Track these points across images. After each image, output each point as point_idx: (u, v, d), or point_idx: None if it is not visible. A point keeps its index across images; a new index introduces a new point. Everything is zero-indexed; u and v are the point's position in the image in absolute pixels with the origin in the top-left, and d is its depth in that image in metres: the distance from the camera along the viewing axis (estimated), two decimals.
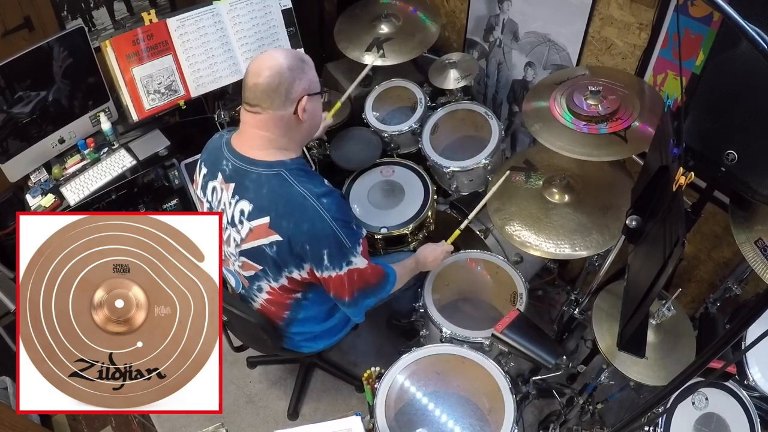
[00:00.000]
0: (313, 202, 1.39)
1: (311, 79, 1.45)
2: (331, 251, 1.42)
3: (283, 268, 1.49)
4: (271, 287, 1.58)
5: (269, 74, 1.38)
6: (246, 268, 1.57)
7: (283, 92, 1.39)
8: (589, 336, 1.94)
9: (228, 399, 2.30)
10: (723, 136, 1.33)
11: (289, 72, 1.39)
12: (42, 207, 2.16)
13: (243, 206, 1.46)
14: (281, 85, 1.38)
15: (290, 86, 1.39)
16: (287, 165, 1.44)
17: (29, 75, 2.07)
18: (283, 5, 2.30)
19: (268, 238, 1.44)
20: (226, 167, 1.49)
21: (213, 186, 1.54)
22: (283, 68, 1.38)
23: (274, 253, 1.45)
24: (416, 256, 1.79)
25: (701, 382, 1.42)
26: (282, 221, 1.41)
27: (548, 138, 1.63)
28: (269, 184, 1.42)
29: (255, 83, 1.39)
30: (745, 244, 1.41)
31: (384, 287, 1.61)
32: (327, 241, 1.41)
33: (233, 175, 1.48)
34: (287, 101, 1.40)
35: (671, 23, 1.62)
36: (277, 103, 1.40)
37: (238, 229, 1.49)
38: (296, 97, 1.41)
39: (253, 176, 1.44)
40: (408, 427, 1.51)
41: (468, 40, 2.49)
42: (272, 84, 1.38)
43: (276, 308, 1.66)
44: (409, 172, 2.19)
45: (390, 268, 1.65)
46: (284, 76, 1.38)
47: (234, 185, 1.47)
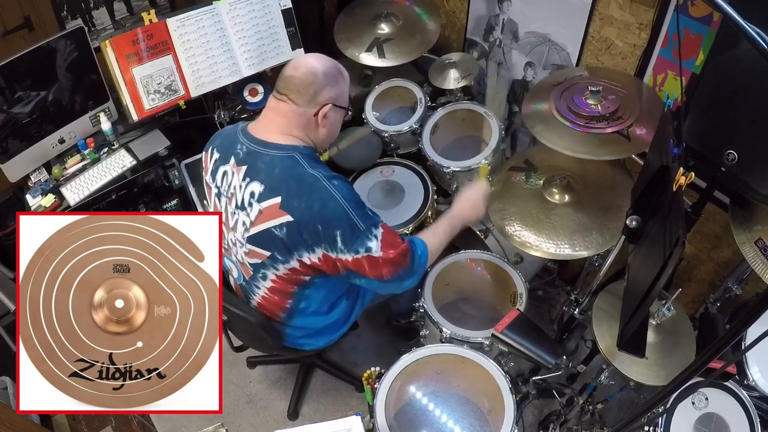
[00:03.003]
0: (325, 183, 1.43)
1: (341, 91, 1.53)
2: (344, 232, 1.42)
3: (294, 251, 1.48)
4: (276, 275, 1.57)
5: (305, 71, 1.47)
6: (252, 256, 1.56)
7: (312, 92, 1.47)
8: (589, 336, 1.94)
9: (228, 399, 2.30)
10: (723, 136, 1.33)
11: (323, 76, 1.47)
12: (42, 207, 2.16)
13: (254, 188, 1.47)
14: (312, 84, 1.46)
15: (320, 89, 1.47)
16: (300, 149, 1.49)
17: (29, 75, 2.07)
18: (283, 5, 2.30)
19: (279, 219, 1.44)
20: (240, 151, 1.52)
21: (224, 170, 1.56)
22: (319, 71, 1.47)
23: (284, 235, 1.45)
24: (451, 214, 1.68)
25: (701, 382, 1.43)
26: (293, 201, 1.42)
27: (551, 138, 1.63)
28: (281, 165, 1.46)
29: (291, 75, 1.48)
30: (745, 244, 1.41)
31: (416, 264, 1.54)
32: (339, 221, 1.41)
33: (246, 158, 1.51)
34: (312, 102, 1.48)
35: (671, 23, 1.62)
36: (303, 99, 1.47)
37: (248, 212, 1.50)
38: (322, 101, 1.49)
39: (266, 158, 1.48)
40: (408, 427, 1.51)
41: (468, 40, 2.49)
42: (305, 81, 1.46)
43: (279, 298, 1.64)
44: (409, 172, 2.19)
45: (418, 240, 1.59)
46: (318, 77, 1.47)
47: (246, 167, 1.50)
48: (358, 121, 2.30)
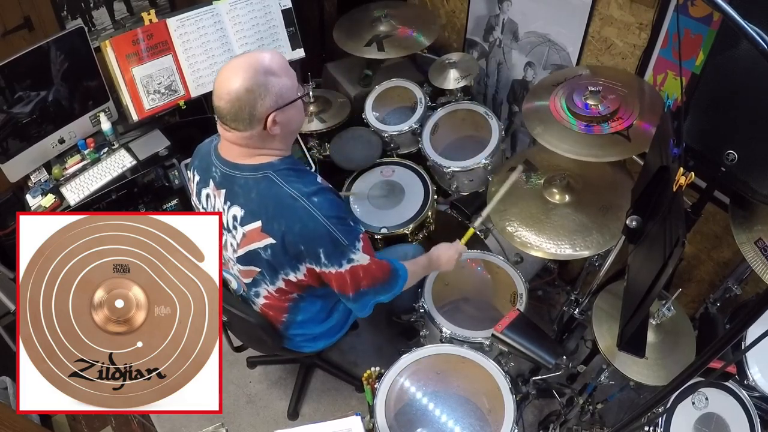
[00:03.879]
0: (304, 203, 1.37)
1: (278, 91, 1.34)
2: (327, 250, 1.40)
3: (279, 270, 1.49)
4: (269, 292, 1.59)
5: (228, 99, 1.31)
6: (245, 275, 1.58)
7: (246, 116, 1.32)
8: (589, 336, 1.94)
9: (228, 399, 2.30)
10: (723, 136, 1.33)
11: (249, 94, 1.30)
12: (42, 207, 2.16)
13: (235, 212, 1.45)
14: (242, 109, 1.31)
15: (252, 108, 1.32)
16: (275, 166, 1.41)
17: (29, 75, 2.07)
18: (283, 5, 2.30)
19: (262, 242, 1.43)
20: (215, 174, 1.48)
21: (207, 193, 1.53)
22: (241, 92, 1.30)
23: (269, 256, 1.45)
24: (429, 255, 1.74)
25: (701, 382, 1.43)
26: (273, 224, 1.39)
27: (551, 141, 1.63)
28: (257, 188, 1.40)
29: (218, 105, 1.34)
30: (745, 244, 1.41)
31: (394, 283, 1.56)
32: (321, 240, 1.39)
33: (223, 182, 1.46)
34: (253, 122, 1.34)
35: (671, 23, 1.62)
36: (242, 125, 1.35)
37: (234, 234, 1.49)
38: (262, 116, 1.34)
39: (240, 181, 1.42)
40: (408, 427, 1.51)
41: (468, 40, 2.49)
42: (233, 109, 1.32)
43: (274, 312, 1.67)
44: (409, 172, 2.19)
45: (400, 264, 1.60)
46: (243, 100, 1.30)
47: (225, 191, 1.46)
48: (359, 120, 2.30)
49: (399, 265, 1.60)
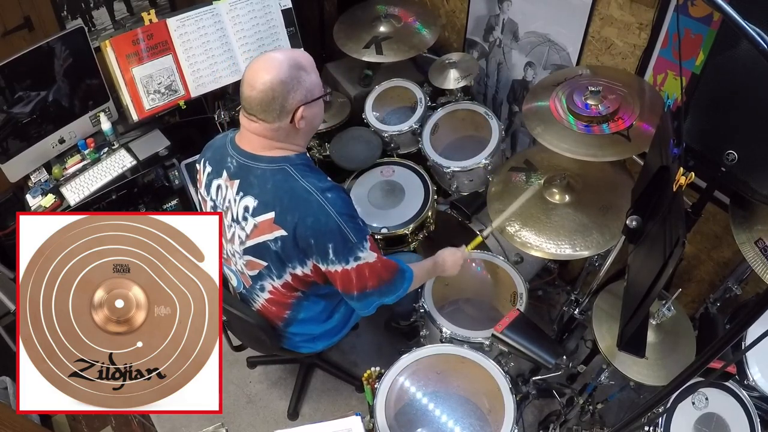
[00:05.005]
0: (318, 197, 1.40)
1: (308, 87, 1.40)
2: (336, 246, 1.42)
3: (287, 263, 1.49)
4: (274, 286, 1.58)
5: (262, 89, 1.35)
6: (250, 267, 1.57)
7: (278, 107, 1.37)
8: (589, 336, 1.94)
9: (228, 399, 2.30)
10: (723, 136, 1.33)
11: (282, 86, 1.35)
12: (42, 207, 2.16)
13: (247, 202, 1.46)
14: (275, 100, 1.36)
15: (284, 100, 1.37)
16: (292, 160, 1.45)
17: (29, 75, 2.07)
18: (283, 5, 2.30)
19: (273, 234, 1.44)
20: (230, 164, 1.49)
21: (218, 184, 1.54)
22: (276, 83, 1.35)
23: (279, 248, 1.45)
24: (435, 259, 1.75)
25: (701, 382, 1.43)
26: (287, 216, 1.41)
27: (551, 141, 1.63)
28: (274, 179, 1.43)
29: (249, 96, 1.37)
30: (745, 244, 1.41)
31: (400, 284, 1.56)
32: (332, 235, 1.41)
33: (238, 172, 1.48)
34: (282, 114, 1.38)
35: (671, 23, 1.62)
36: (271, 116, 1.38)
37: (243, 226, 1.49)
38: (291, 109, 1.39)
39: (257, 172, 1.45)
40: (408, 427, 1.51)
41: (468, 40, 2.49)
42: (265, 99, 1.36)
43: (277, 308, 1.66)
44: (409, 172, 2.19)
45: (406, 265, 1.61)
46: (277, 91, 1.35)
47: (239, 182, 1.48)
48: (359, 120, 2.30)
49: (405, 266, 1.60)
